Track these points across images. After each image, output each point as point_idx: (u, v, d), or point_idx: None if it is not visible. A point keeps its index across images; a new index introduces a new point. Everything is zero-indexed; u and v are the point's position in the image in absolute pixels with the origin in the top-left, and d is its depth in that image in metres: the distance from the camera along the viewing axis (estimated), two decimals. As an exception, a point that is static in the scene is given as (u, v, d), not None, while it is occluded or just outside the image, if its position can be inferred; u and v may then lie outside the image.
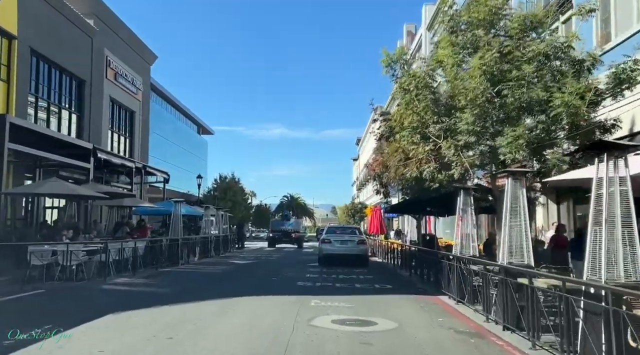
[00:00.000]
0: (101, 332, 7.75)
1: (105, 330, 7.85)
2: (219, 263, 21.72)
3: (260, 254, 29.55)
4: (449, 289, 12.29)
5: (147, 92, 37.26)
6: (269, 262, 22.89)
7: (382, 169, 21.23)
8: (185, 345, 6.91)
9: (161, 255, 18.84)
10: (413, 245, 20.96)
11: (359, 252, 21.85)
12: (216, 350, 6.78)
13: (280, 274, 17.45)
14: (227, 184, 53.85)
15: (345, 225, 34.42)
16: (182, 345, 6.95)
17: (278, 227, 41.77)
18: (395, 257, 22.07)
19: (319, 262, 22.16)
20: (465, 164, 10.91)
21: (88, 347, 6.69)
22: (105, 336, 7.42)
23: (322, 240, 22.34)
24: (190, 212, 26.62)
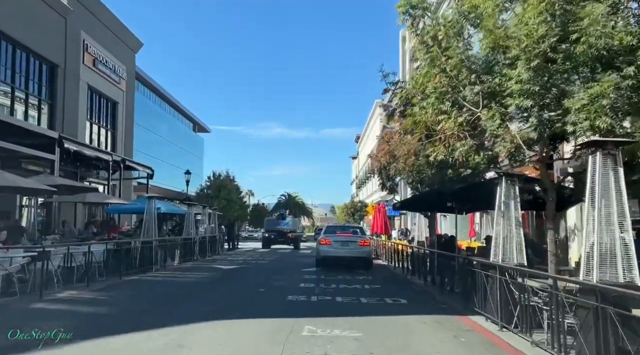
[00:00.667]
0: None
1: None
2: (200, 268, 18.55)
3: (252, 256, 26.34)
4: (485, 308, 9.16)
5: (131, 82, 34.06)
6: (258, 267, 19.73)
7: (388, 160, 18.08)
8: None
9: (130, 260, 15.69)
10: (424, 248, 17.86)
11: (361, 254, 18.76)
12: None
13: (270, 283, 14.30)
14: (221, 181, 50.56)
15: (346, 224, 30.79)
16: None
17: (273, 227, 38.08)
18: (400, 260, 18.96)
19: (317, 266, 19.07)
20: (516, 140, 7.73)
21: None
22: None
23: (320, 242, 19.24)
24: (173, 210, 23.46)
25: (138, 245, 16.56)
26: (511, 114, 7.69)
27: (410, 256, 17.28)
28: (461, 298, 10.59)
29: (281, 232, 37.06)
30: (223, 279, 15.40)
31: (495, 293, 8.65)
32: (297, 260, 23.41)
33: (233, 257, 24.79)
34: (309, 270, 18.29)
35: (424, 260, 15.38)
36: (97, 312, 9.57)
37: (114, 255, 14.70)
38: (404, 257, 18.36)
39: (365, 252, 18.81)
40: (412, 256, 16.65)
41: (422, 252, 16.01)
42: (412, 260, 16.74)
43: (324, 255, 18.69)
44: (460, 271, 11.10)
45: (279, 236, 36.80)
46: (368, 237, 20.72)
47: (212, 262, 21.61)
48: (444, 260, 13.19)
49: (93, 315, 9.17)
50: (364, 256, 18.74)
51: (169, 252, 18.93)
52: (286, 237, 36.85)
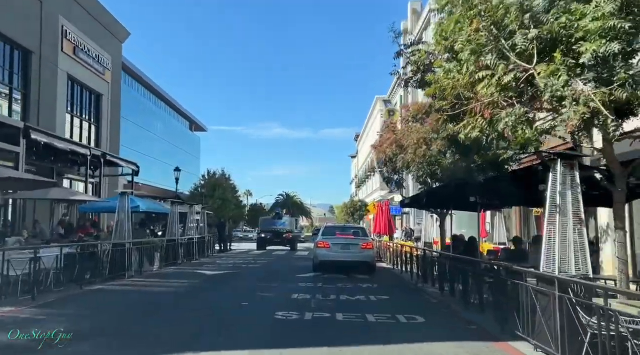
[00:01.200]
0: None
1: None
2: (182, 274, 16.18)
3: (244, 259, 23.92)
4: (533, 334, 6.81)
5: (117, 73, 31.69)
6: (248, 272, 17.31)
7: (394, 150, 15.73)
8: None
9: (96, 266, 13.33)
10: (436, 251, 15.57)
11: (364, 258, 16.42)
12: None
13: (256, 293, 11.90)
14: (216, 180, 48.17)
15: (347, 225, 27.64)
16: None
17: (268, 227, 35.14)
18: (406, 263, 16.63)
19: (314, 271, 16.72)
20: (593, 103, 5.34)
21: None
22: None
23: (318, 244, 16.89)
24: (156, 209, 21.09)
25: (107, 247, 14.20)
26: (586, 65, 5.31)
27: (420, 260, 14.91)
28: (495, 317, 8.22)
29: (277, 233, 34.39)
30: (202, 288, 12.99)
31: (551, 316, 6.31)
32: (293, 264, 21.03)
33: (223, 260, 22.40)
34: (305, 275, 15.94)
35: (438, 265, 13.04)
36: (14, 343, 6.92)
37: (76, 261, 12.31)
38: (411, 261, 16.00)
39: (368, 256, 16.48)
40: (423, 260, 14.26)
41: (436, 256, 13.66)
42: (422, 265, 14.36)
43: (322, 260, 16.37)
44: (494, 282, 8.72)
45: (274, 237, 34.13)
46: (371, 239, 18.34)
47: (198, 266, 19.23)
48: (465, 266, 10.83)
49: (8, 347, 6.70)
50: (366, 261, 16.41)
51: (147, 256, 16.56)
52: (282, 237, 34.10)
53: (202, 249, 24.17)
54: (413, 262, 15.94)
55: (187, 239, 21.55)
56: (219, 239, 28.43)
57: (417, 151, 14.52)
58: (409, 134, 15.33)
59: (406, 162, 15.04)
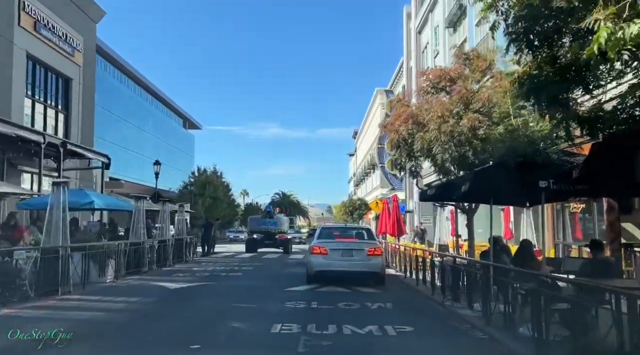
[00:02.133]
0: None
1: None
2: (137, 289, 12.39)
3: (227, 264, 20.01)
4: None
5: (91, 56, 27.90)
6: (224, 285, 13.40)
7: (410, 128, 12.02)
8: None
9: (10, 282, 9.61)
10: (471, 258, 11.92)
11: (371, 268, 12.68)
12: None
13: (223, 324, 8.07)
14: (207, 178, 44.48)
15: (349, 225, 21.75)
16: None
17: (258, 227, 30.19)
18: (420, 271, 12.98)
19: (308, 283, 13.03)
20: None
21: None
22: None
23: (312, 250, 13.11)
24: (117, 206, 17.35)
25: (33, 255, 10.47)
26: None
27: (444, 269, 11.14)
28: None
29: (268, 233, 29.80)
30: (147, 314, 9.11)
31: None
32: (284, 272, 17.25)
33: (202, 267, 18.63)
34: (296, 289, 12.20)
35: (476, 279, 9.35)
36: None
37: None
38: (431, 269, 12.23)
39: (376, 265, 12.72)
40: (451, 271, 10.48)
41: (472, 265, 9.94)
42: (450, 277, 10.61)
43: (317, 270, 12.64)
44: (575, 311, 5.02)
45: (265, 238, 29.56)
46: (379, 243, 14.45)
47: (167, 275, 15.48)
48: (523, 282, 7.16)
49: None
50: (374, 271, 12.67)
51: (96, 265, 12.82)
52: (274, 239, 29.55)
53: (180, 253, 20.44)
54: (431, 270, 12.22)
55: (159, 241, 17.84)
56: (202, 241, 24.58)
57: (443, 127, 10.82)
58: (429, 106, 11.63)
59: (426, 141, 11.33)
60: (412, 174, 13.25)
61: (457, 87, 11.17)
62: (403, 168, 13.24)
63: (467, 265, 10.43)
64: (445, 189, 9.60)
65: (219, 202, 43.28)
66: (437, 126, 10.85)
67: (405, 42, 36.82)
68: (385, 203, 21.06)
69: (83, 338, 6.77)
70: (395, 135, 12.38)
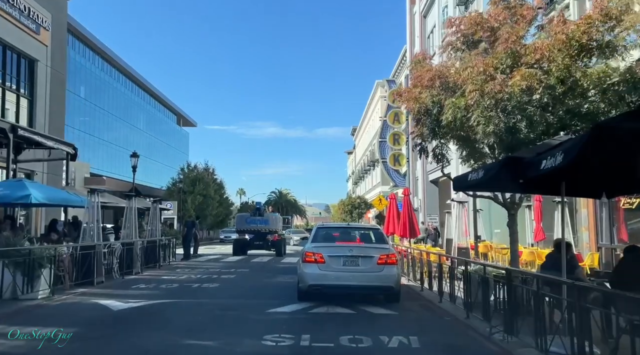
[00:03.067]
0: None
1: None
2: (69, 311, 9.02)
3: (206, 271, 16.55)
4: None
5: (60, 36, 24.53)
6: (188, 303, 9.91)
7: (436, 94, 8.75)
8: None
9: None
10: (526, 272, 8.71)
11: (383, 282, 9.29)
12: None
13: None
14: (198, 174, 41.14)
15: (353, 225, 16.74)
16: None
17: (247, 226, 25.81)
18: (441, 282, 9.75)
19: (299, 300, 9.77)
20: None
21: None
22: None
23: (305, 258, 9.67)
24: (60, 201, 14.04)
25: None
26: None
27: (491, 286, 7.86)
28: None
29: (258, 233, 25.57)
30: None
31: None
32: (272, 281, 13.91)
33: (174, 274, 15.28)
34: (282, 311, 8.90)
35: (541, 302, 6.10)
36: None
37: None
38: (465, 284, 8.97)
39: (390, 278, 9.36)
40: (503, 289, 7.18)
41: (533, 282, 6.66)
42: (502, 297, 7.33)
43: (312, 284, 9.31)
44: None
45: (255, 238, 25.45)
46: (393, 248, 10.92)
47: (125, 287, 12.16)
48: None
49: None
50: (388, 285, 9.31)
51: (19, 276, 9.54)
52: (265, 239, 25.36)
53: (153, 257, 17.12)
54: (466, 285, 8.97)
55: (124, 244, 14.52)
56: (183, 243, 21.16)
57: (487, 85, 7.56)
58: (465, 64, 8.35)
59: (460, 109, 8.05)
60: (437, 157, 9.93)
61: (504, 34, 7.88)
62: (424, 150, 9.93)
63: (524, 281, 7.15)
64: (509, 169, 6.17)
65: (210, 200, 39.99)
66: (479, 85, 7.58)
67: (408, 28, 33.60)
68: (393, 199, 17.75)
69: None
70: (415, 104, 9.08)
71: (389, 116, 34.38)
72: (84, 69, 45.51)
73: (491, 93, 7.54)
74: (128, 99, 55.22)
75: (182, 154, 70.08)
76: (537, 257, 15.48)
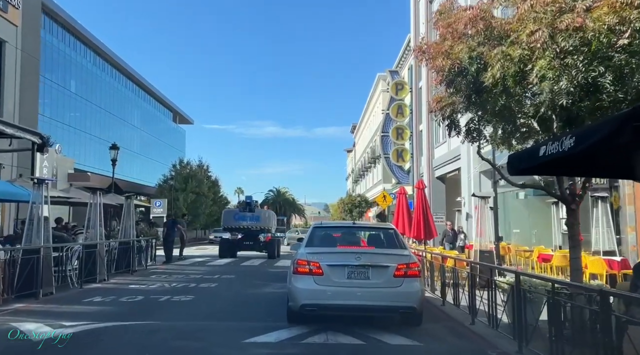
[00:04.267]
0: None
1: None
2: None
3: (185, 278, 13.87)
4: None
5: (34, 16, 22.03)
6: (142, 329, 7.20)
7: (478, 44, 6.28)
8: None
9: None
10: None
11: (401, 300, 6.71)
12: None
13: None
14: (191, 171, 38.63)
15: (359, 224, 10.72)
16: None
17: (235, 223, 22.23)
18: (472, 298, 7.38)
19: (289, 321, 7.29)
20: None
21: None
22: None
23: (297, 268, 7.01)
24: (12, 195, 11.57)
25: None
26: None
27: (569, 311, 5.38)
28: None
29: (248, 232, 22.02)
30: None
31: None
32: (259, 293, 11.34)
33: (146, 282, 12.72)
34: (263, 342, 6.37)
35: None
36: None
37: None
38: (518, 303, 6.49)
39: (411, 296, 6.79)
40: (601, 320, 4.71)
41: None
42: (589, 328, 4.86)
43: (305, 304, 6.78)
44: None
45: (245, 238, 21.92)
46: (412, 254, 7.83)
47: (74, 301, 9.64)
48: None
49: None
50: (409, 305, 6.78)
51: None
52: (255, 239, 21.88)
53: (126, 261, 14.61)
54: (517, 304, 6.52)
55: (85, 247, 12.01)
56: (164, 245, 18.58)
57: (564, 19, 5.06)
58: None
59: (513, 62, 5.56)
60: (470, 133, 7.42)
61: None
62: (454, 125, 7.39)
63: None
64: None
65: (203, 198, 37.49)
66: (549, 20, 5.10)
67: (412, 14, 31.12)
68: (402, 194, 15.20)
69: None
70: (446, 61, 6.58)
71: (391, 109, 31.89)
72: (74, 62, 43.01)
73: (567, 31, 5.05)
74: (122, 95, 52.68)
75: (179, 152, 67.42)
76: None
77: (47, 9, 36.79)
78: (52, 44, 38.66)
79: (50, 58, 38.00)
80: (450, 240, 14.32)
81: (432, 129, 27.91)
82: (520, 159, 5.07)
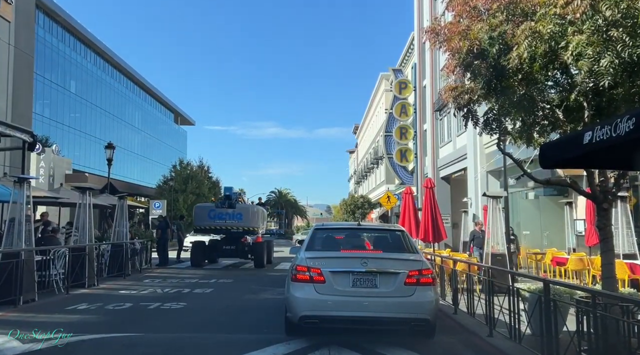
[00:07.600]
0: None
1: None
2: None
3: (179, 282, 12.61)
4: None
5: (27, 12, 21.33)
6: (127, 339, 6.38)
7: (501, 22, 5.51)
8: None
9: None
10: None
11: (413, 312, 5.91)
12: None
13: None
14: (191, 172, 37.89)
15: (365, 225, 9.71)
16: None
17: (210, 223, 17.37)
18: (490, 307, 6.75)
19: (287, 334, 6.50)
20: None
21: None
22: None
23: (296, 274, 6.19)
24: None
25: None
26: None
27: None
28: None
29: (228, 234, 17.59)
30: None
31: None
32: (256, 300, 10.51)
33: (135, 288, 11.90)
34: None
35: None
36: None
37: None
38: (554, 316, 5.69)
39: (424, 306, 5.96)
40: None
41: None
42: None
43: (305, 316, 5.97)
44: None
45: (225, 242, 17.61)
46: (424, 260, 6.69)
47: (55, 309, 8.83)
48: None
49: None
50: (422, 318, 5.95)
51: None
52: (239, 242, 17.27)
53: (120, 264, 13.84)
54: (554, 319, 5.73)
55: (72, 250, 11.25)
56: (158, 248, 17.76)
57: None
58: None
59: (543, 40, 4.78)
60: (489, 125, 6.63)
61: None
62: (472, 115, 6.59)
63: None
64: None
65: (203, 199, 36.67)
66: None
67: (416, 11, 30.35)
68: (409, 194, 14.41)
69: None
70: (463, 43, 5.81)
71: (395, 108, 31.11)
72: (74, 63, 42.34)
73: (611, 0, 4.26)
74: (122, 96, 52.04)
75: (180, 153, 66.76)
76: (590, 266, 12.19)
77: (47, 9, 36.16)
78: (52, 43, 38.01)
79: (50, 58, 37.37)
80: (480, 244, 12.78)
81: (436, 128, 27.12)
82: (557, 149, 4.28)
